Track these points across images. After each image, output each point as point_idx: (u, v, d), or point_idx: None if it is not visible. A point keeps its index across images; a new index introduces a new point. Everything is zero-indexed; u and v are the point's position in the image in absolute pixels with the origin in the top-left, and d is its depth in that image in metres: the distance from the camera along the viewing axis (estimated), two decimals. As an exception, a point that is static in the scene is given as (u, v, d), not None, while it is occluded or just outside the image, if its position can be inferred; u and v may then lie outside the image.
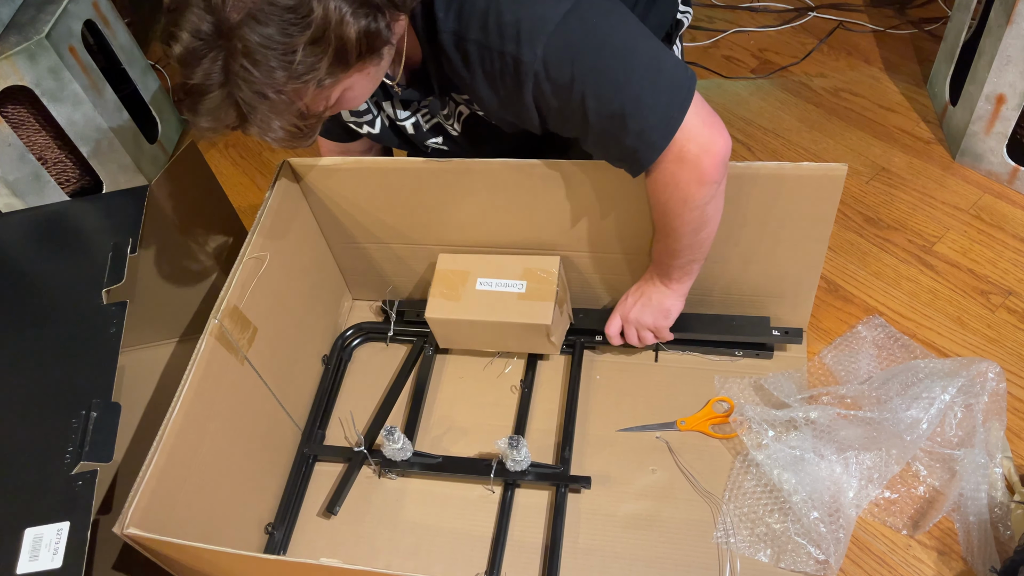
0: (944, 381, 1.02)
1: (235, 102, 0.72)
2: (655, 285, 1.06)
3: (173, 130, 1.82)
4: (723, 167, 0.84)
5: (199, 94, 0.72)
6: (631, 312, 1.09)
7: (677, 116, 0.80)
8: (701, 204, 0.87)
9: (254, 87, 0.70)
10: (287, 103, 0.72)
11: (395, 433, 1.05)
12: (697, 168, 0.83)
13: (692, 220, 0.89)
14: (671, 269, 1.01)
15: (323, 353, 1.24)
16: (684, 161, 0.82)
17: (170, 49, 0.70)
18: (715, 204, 0.88)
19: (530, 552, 1.01)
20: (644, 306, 1.07)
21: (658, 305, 1.06)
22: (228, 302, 0.95)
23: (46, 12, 1.46)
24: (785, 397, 1.07)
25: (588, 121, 0.82)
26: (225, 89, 0.71)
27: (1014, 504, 0.95)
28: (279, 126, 0.74)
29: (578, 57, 0.78)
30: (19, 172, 1.49)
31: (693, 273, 1.02)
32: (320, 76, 0.71)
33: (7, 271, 1.08)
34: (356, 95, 0.81)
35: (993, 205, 1.36)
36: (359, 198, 1.11)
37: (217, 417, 0.93)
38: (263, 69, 0.68)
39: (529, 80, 0.80)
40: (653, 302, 1.06)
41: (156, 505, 0.81)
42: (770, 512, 0.99)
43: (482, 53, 0.81)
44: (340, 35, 0.70)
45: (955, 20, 1.46)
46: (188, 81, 0.71)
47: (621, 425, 1.11)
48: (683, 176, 0.84)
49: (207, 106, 0.72)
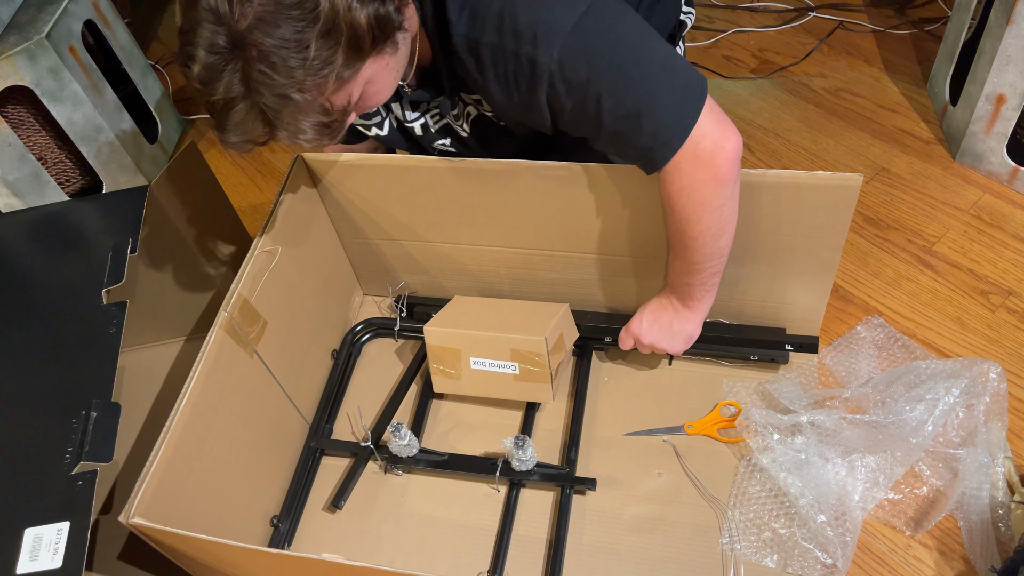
0: (947, 382, 1.02)
1: (260, 111, 0.72)
2: (674, 310, 1.03)
3: (173, 130, 1.82)
4: (737, 166, 0.84)
5: (225, 110, 0.72)
6: (647, 337, 1.06)
7: (691, 115, 0.80)
8: (718, 206, 0.87)
9: (275, 90, 0.70)
10: (310, 101, 0.72)
11: (402, 429, 1.05)
12: (712, 167, 0.83)
13: (710, 225, 0.89)
14: (691, 288, 0.99)
15: (333, 347, 1.24)
16: (699, 160, 0.83)
17: (190, 71, 0.71)
18: (731, 208, 0.88)
19: (534, 550, 1.01)
20: (662, 331, 1.05)
21: (679, 332, 1.04)
22: (238, 295, 0.95)
23: (46, 12, 1.46)
24: (790, 402, 1.07)
25: (602, 121, 0.82)
26: (249, 99, 0.71)
27: (1014, 504, 0.95)
28: (307, 126, 0.74)
29: (594, 58, 0.79)
30: (19, 172, 1.48)
31: (712, 290, 1.00)
32: (338, 68, 0.71)
33: (7, 271, 1.08)
34: (378, 89, 0.80)
35: (993, 205, 1.36)
36: (372, 195, 1.12)
37: (225, 409, 0.93)
38: (281, 70, 0.69)
39: (544, 81, 0.80)
40: (674, 329, 1.04)
41: (162, 495, 0.81)
42: (776, 517, 0.98)
43: (496, 55, 0.81)
44: (350, 23, 0.70)
45: (955, 20, 1.46)
46: (211, 98, 0.71)
47: (628, 427, 1.11)
48: (699, 176, 0.84)
49: (234, 120, 0.72)
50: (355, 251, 1.24)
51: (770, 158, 1.52)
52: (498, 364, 1.09)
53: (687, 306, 1.02)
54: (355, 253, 1.25)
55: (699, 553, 0.97)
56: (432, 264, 1.22)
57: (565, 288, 1.18)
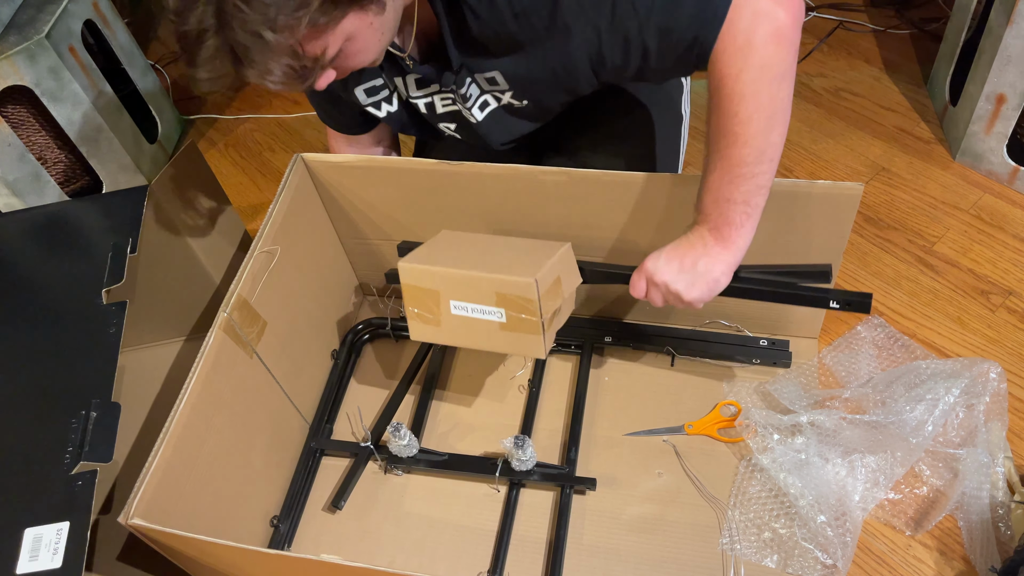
0: (947, 382, 1.02)
1: (230, 48, 0.71)
2: (703, 245, 0.87)
3: (173, 130, 1.82)
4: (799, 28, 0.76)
5: (195, 43, 0.71)
6: (662, 274, 0.88)
7: None
8: (779, 73, 0.76)
9: (247, 26, 0.69)
10: (281, 43, 0.71)
11: (401, 430, 1.05)
12: (774, 20, 0.74)
13: (766, 103, 0.77)
14: (730, 209, 0.83)
15: (332, 348, 1.24)
16: (758, 14, 0.74)
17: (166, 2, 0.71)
18: (788, 87, 0.78)
19: (534, 550, 1.01)
20: (682, 269, 0.87)
21: (703, 273, 0.86)
22: (238, 296, 0.95)
23: (46, 12, 1.46)
24: (790, 402, 1.07)
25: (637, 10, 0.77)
26: (220, 35, 0.70)
27: (1014, 504, 0.95)
28: (276, 68, 0.73)
29: None
30: (19, 172, 1.48)
31: (754, 217, 0.84)
32: (312, 12, 0.70)
33: (7, 271, 1.08)
34: (361, 48, 0.78)
35: (993, 205, 1.36)
36: (372, 195, 1.12)
37: (224, 410, 0.93)
38: (255, 5, 0.68)
39: None
40: (698, 269, 0.87)
41: (161, 496, 0.81)
42: (776, 517, 0.98)
43: None
44: None
45: (955, 20, 1.46)
46: (182, 29, 0.71)
47: (628, 427, 1.11)
48: (759, 31, 0.75)
49: (204, 56, 0.72)
50: (355, 251, 1.24)
51: (770, 158, 1.52)
52: (482, 310, 0.94)
53: (720, 239, 0.85)
54: (355, 253, 1.25)
55: (699, 553, 0.97)
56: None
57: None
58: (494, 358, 1.22)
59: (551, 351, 1.20)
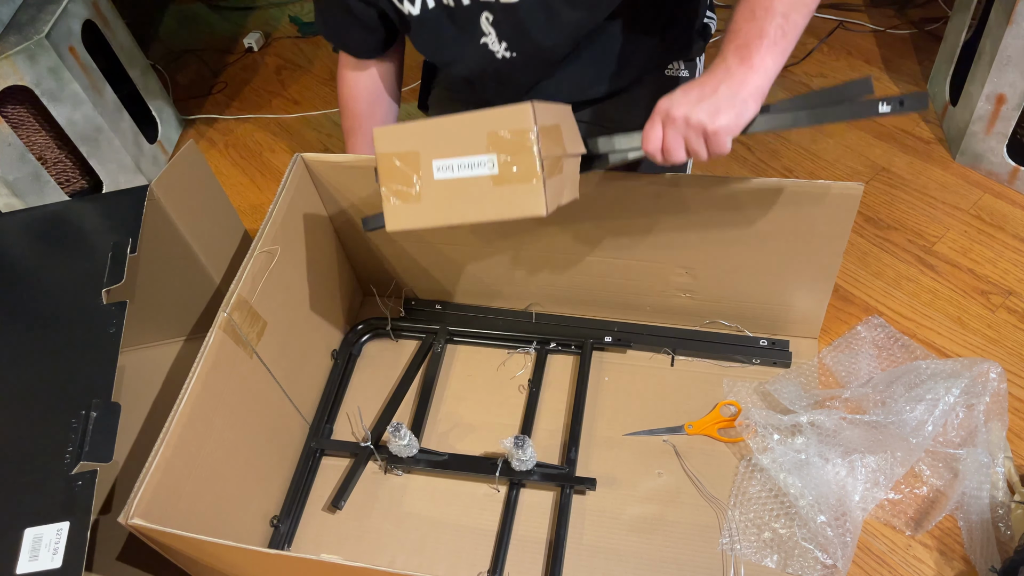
0: (947, 382, 1.02)
1: None
2: (725, 68, 0.74)
3: (173, 130, 1.82)
4: None
5: None
6: (680, 108, 0.74)
7: None
8: None
9: None
10: None
11: (401, 430, 1.05)
12: None
13: None
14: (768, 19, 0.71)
15: (332, 348, 1.24)
16: None
17: None
18: None
19: (534, 550, 1.01)
20: (702, 96, 0.74)
21: (728, 97, 0.73)
22: (238, 296, 0.95)
23: (46, 12, 1.46)
24: (790, 402, 1.07)
25: None
26: None
27: (1014, 504, 0.95)
28: None
29: None
30: (19, 172, 1.48)
31: (791, 34, 0.72)
32: None
33: (7, 271, 1.08)
34: None
35: (993, 205, 1.36)
36: (372, 195, 1.11)
37: (224, 410, 0.93)
38: None
39: None
40: (720, 92, 0.73)
41: (161, 496, 0.81)
42: (776, 517, 0.98)
43: None
44: None
45: (955, 20, 1.46)
46: None
47: (628, 427, 1.11)
48: None
49: None
50: (355, 251, 1.24)
51: (770, 157, 1.52)
52: (471, 163, 0.81)
53: (744, 59, 0.73)
54: (355, 253, 1.25)
55: (699, 553, 0.97)
56: (432, 264, 1.22)
57: (567, 290, 1.18)
58: (494, 357, 1.22)
59: (551, 350, 1.20)
